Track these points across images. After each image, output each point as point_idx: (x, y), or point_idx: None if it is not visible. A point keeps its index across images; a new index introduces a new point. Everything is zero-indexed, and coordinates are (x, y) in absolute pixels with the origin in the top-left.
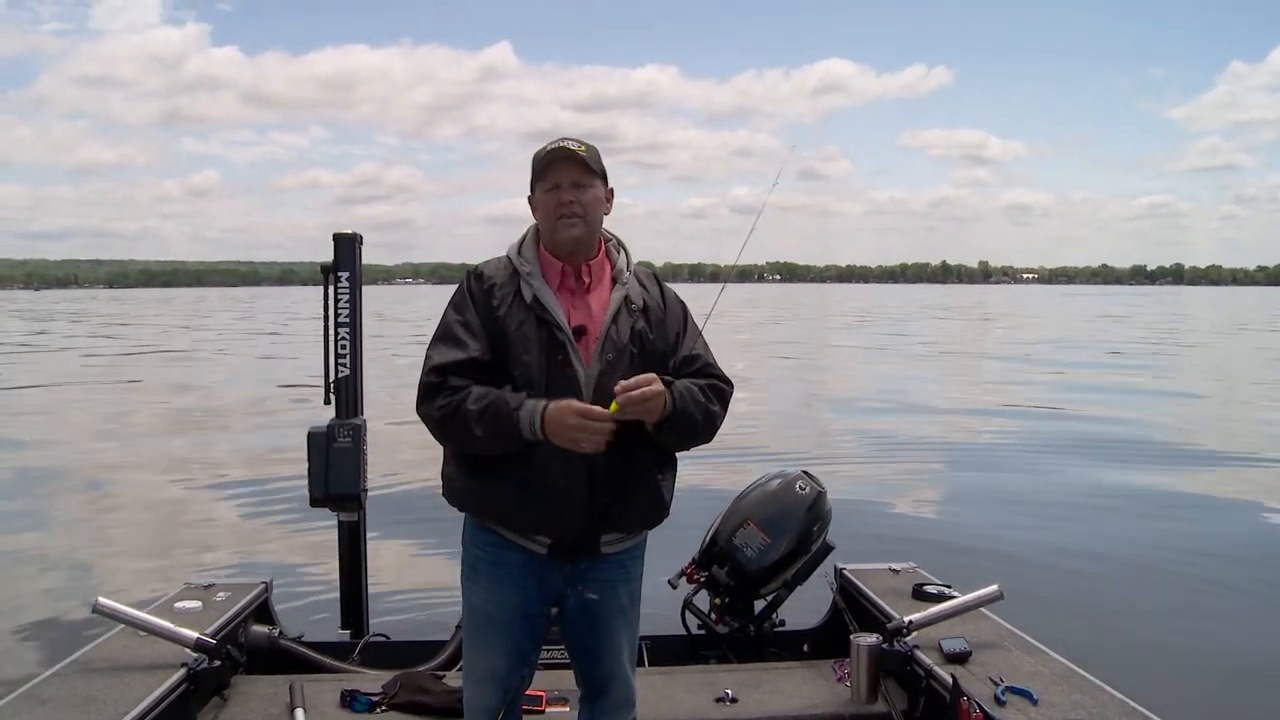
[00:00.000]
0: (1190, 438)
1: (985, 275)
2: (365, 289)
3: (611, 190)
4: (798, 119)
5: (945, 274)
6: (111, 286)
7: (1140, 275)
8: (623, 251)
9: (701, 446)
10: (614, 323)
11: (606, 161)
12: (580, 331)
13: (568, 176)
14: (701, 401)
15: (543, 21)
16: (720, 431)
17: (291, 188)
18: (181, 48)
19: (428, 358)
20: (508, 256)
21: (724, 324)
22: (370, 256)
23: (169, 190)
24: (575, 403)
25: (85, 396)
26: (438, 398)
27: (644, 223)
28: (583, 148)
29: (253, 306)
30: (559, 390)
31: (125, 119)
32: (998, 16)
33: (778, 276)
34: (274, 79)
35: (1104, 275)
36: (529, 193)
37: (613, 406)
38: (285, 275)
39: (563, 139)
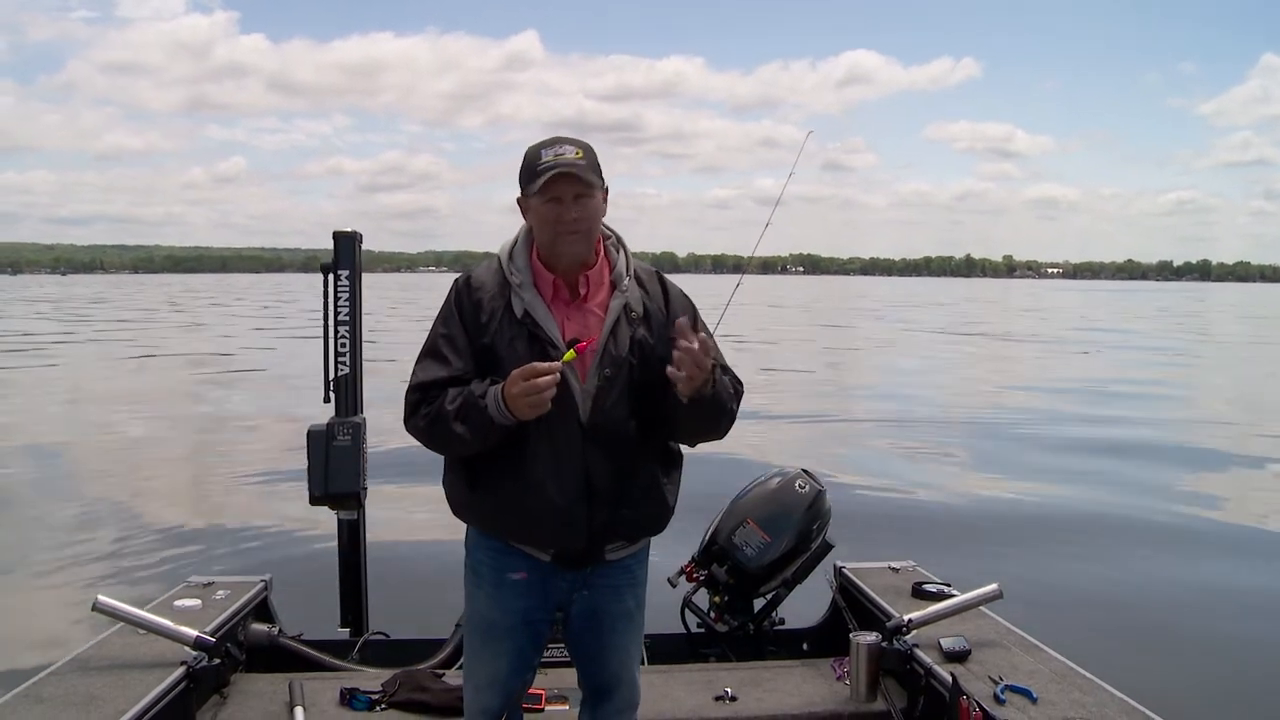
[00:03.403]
0: (1201, 438)
1: (1010, 270)
2: (390, 276)
3: (607, 189)
4: (823, 110)
5: (969, 268)
6: (137, 272)
7: (1166, 271)
8: (622, 250)
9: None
10: (612, 335)
11: (628, 152)
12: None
13: (570, 190)
14: (731, 394)
15: (569, 11)
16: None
17: (316, 175)
18: (209, 34)
19: (413, 373)
20: (498, 259)
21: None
22: (393, 244)
23: (195, 177)
24: (522, 368)
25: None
26: (420, 411)
27: (667, 212)
28: (580, 154)
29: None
30: (554, 407)
31: (152, 106)
32: (1026, 8)
33: (800, 269)
34: (300, 66)
35: (1129, 270)
36: (519, 193)
37: (568, 355)
38: (309, 262)
39: (559, 146)
